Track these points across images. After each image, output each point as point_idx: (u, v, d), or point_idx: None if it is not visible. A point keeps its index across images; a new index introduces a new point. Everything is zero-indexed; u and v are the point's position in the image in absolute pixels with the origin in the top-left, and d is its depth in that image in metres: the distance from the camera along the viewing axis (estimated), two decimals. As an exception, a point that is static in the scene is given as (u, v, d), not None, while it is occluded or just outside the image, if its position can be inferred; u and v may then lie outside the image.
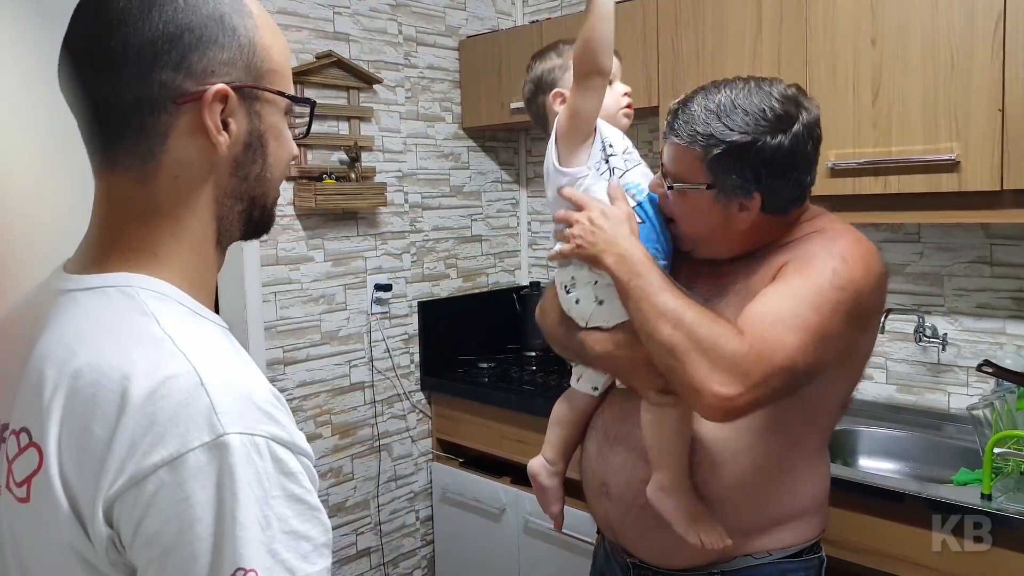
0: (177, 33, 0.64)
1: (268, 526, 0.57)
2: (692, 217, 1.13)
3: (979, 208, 1.67)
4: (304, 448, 0.62)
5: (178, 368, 0.59)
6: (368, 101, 2.43)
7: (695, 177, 1.09)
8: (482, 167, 2.82)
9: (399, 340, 2.57)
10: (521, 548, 2.35)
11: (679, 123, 1.09)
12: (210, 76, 0.65)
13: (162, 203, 0.67)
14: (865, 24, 1.75)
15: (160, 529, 0.56)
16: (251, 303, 2.17)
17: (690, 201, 1.11)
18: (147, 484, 0.56)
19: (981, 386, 1.95)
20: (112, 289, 0.65)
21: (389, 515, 2.57)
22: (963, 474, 1.66)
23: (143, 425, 0.57)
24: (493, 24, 2.80)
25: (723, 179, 1.07)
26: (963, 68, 1.63)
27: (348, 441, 2.44)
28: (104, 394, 0.58)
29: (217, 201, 0.69)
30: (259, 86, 0.69)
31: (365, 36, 2.42)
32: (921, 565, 1.56)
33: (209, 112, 0.65)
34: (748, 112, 1.05)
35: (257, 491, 0.57)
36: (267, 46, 0.70)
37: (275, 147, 0.72)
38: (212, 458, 0.56)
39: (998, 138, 1.60)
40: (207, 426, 0.57)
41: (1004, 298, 1.93)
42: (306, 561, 0.59)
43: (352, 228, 2.41)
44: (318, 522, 0.61)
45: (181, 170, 0.67)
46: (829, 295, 1.02)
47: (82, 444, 0.58)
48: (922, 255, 2.04)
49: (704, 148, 1.07)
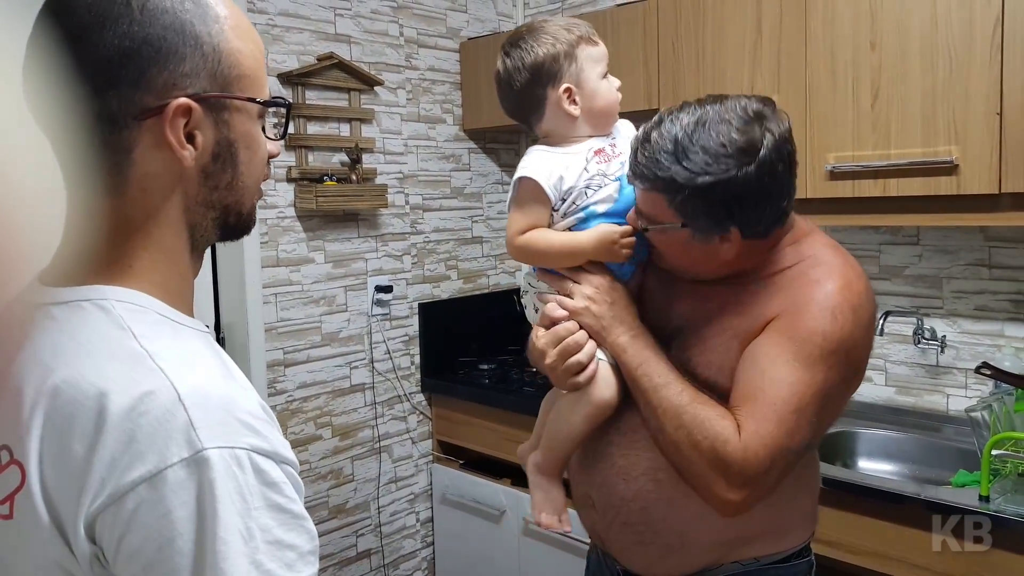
0: (134, 48, 0.62)
1: (251, 538, 0.57)
2: (674, 252, 1.10)
3: (977, 211, 1.68)
4: (287, 457, 0.62)
5: (155, 384, 0.58)
6: (369, 103, 2.43)
7: (667, 218, 1.04)
8: (483, 169, 2.83)
9: (399, 341, 2.57)
10: (521, 550, 2.36)
11: (640, 165, 1.03)
12: (172, 89, 0.63)
13: (132, 216, 0.66)
14: (864, 28, 1.76)
15: (141, 545, 0.56)
16: (251, 304, 2.18)
17: (669, 239, 1.08)
18: (127, 500, 0.56)
19: (979, 388, 1.96)
20: (87, 303, 0.64)
21: (389, 516, 2.58)
22: (961, 476, 1.67)
23: (122, 442, 0.57)
24: (494, 26, 2.80)
25: (694, 220, 1.03)
26: (961, 72, 1.64)
27: (348, 443, 2.45)
28: (82, 411, 0.58)
29: (188, 210, 0.68)
30: (226, 95, 0.67)
31: (366, 38, 2.43)
32: (920, 567, 1.57)
33: (171, 127, 0.64)
34: (707, 150, 0.98)
35: (239, 504, 0.57)
36: (235, 51, 0.67)
37: (247, 155, 0.70)
38: (191, 474, 0.56)
39: (996, 141, 1.61)
40: (185, 442, 0.57)
41: (1002, 300, 1.94)
42: (291, 570, 0.59)
43: (353, 230, 2.42)
44: (303, 530, 0.61)
45: (148, 183, 0.65)
46: (820, 363, 1.00)
47: (62, 461, 0.58)
48: (921, 257, 2.05)
49: (668, 194, 1.01)
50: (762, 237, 1.06)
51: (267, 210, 2.20)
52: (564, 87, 1.13)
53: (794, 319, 1.02)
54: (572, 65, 1.13)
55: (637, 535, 1.12)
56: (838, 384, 1.03)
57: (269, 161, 0.75)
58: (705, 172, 0.98)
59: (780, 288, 1.06)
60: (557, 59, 1.12)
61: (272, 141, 0.74)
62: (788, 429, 1.00)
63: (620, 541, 1.15)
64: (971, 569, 1.51)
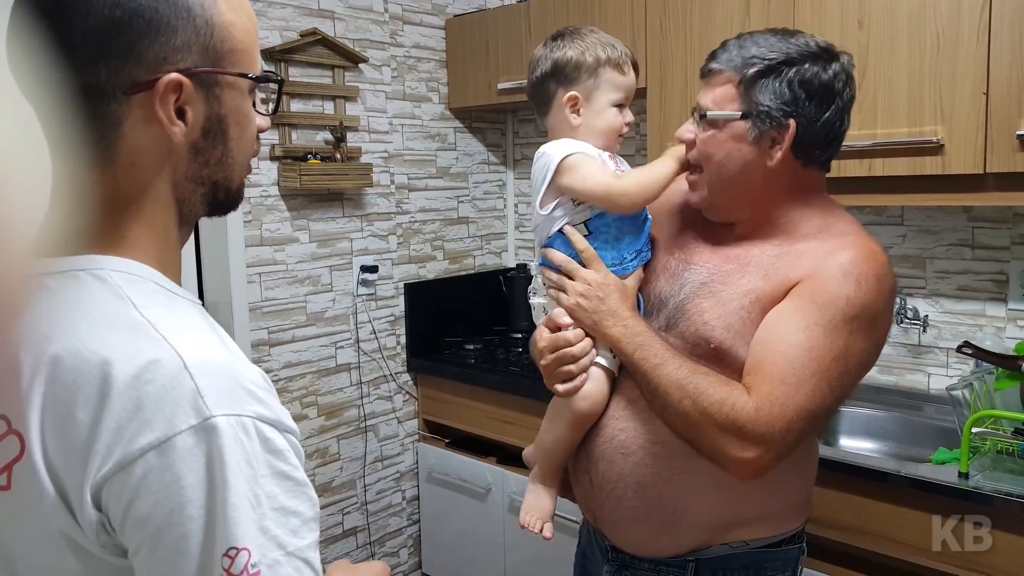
0: (124, 18, 0.60)
1: (258, 504, 0.58)
2: (721, 155, 1.09)
3: (962, 191, 1.68)
4: (289, 425, 0.63)
5: (160, 353, 0.58)
6: (353, 80, 2.40)
7: (730, 106, 1.07)
8: (469, 148, 2.81)
9: (385, 322, 2.56)
10: (507, 527, 2.38)
11: (720, 54, 1.09)
12: (162, 64, 0.62)
13: (122, 189, 0.65)
14: (852, 6, 1.75)
15: (151, 511, 0.56)
16: (235, 284, 2.16)
17: (721, 135, 1.08)
18: (135, 467, 0.56)
19: (960, 367, 1.98)
20: (82, 272, 0.63)
21: (375, 495, 2.58)
22: (941, 453, 1.69)
23: (128, 410, 0.57)
24: (480, 3, 2.77)
25: (759, 104, 1.05)
26: (948, 51, 1.64)
27: (334, 422, 2.45)
28: (85, 379, 0.58)
29: (177, 185, 0.68)
30: (217, 70, 0.65)
31: (350, 14, 2.39)
32: (900, 542, 1.59)
33: (161, 103, 0.63)
34: (790, 42, 1.06)
35: (246, 471, 0.58)
36: (228, 24, 0.66)
37: (237, 131, 0.69)
38: (200, 440, 0.57)
39: (982, 121, 1.61)
40: (193, 409, 0.57)
41: (984, 280, 1.96)
42: (296, 536, 0.60)
43: (337, 209, 2.40)
44: (306, 497, 0.62)
45: (138, 157, 0.65)
46: (842, 328, 1.01)
47: (66, 430, 0.58)
48: (905, 238, 2.06)
49: (741, 69, 1.06)
50: (807, 157, 1.08)
51: (251, 188, 2.18)
52: (571, 94, 1.16)
53: (817, 283, 1.03)
54: (590, 79, 1.16)
55: (631, 511, 1.12)
56: (860, 351, 1.03)
57: (258, 136, 0.74)
58: (784, 53, 1.05)
59: (803, 254, 1.07)
60: (579, 67, 1.15)
61: (262, 116, 0.73)
62: (807, 392, 1.00)
63: (613, 517, 1.16)
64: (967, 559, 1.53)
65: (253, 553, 0.57)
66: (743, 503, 1.11)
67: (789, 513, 1.16)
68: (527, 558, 2.32)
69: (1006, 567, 1.48)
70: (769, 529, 1.14)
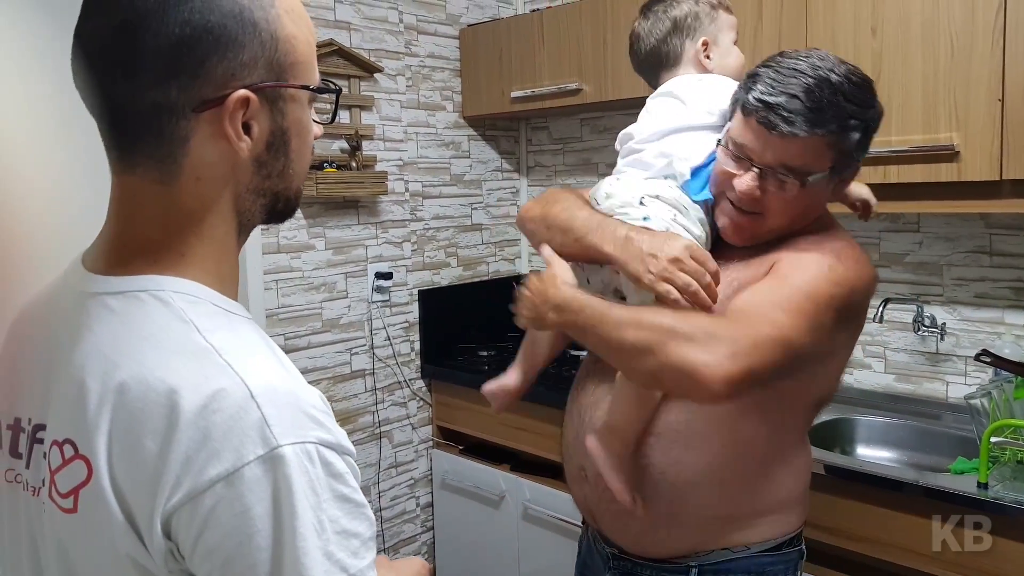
0: (195, 36, 0.60)
1: (323, 530, 0.59)
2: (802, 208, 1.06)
3: (978, 198, 1.67)
4: (348, 448, 0.63)
5: (226, 381, 0.59)
6: (369, 90, 2.43)
7: (820, 164, 1.03)
8: (482, 156, 2.82)
9: (400, 328, 2.58)
10: (520, 534, 2.37)
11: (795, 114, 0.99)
12: (230, 80, 0.62)
13: (184, 204, 0.65)
14: (865, 13, 1.75)
15: (220, 542, 0.57)
16: (253, 291, 2.18)
17: (800, 195, 1.04)
18: (205, 498, 0.57)
19: (979, 375, 1.96)
20: (144, 294, 0.63)
21: (390, 501, 2.59)
22: (960, 463, 1.67)
23: (197, 440, 0.57)
24: (494, 12, 2.79)
25: (846, 155, 1.03)
26: (963, 57, 1.63)
27: (349, 428, 2.46)
28: (153, 409, 0.58)
29: (239, 198, 0.67)
30: (283, 84, 0.65)
31: (366, 25, 2.42)
32: (917, 553, 1.58)
33: (230, 119, 0.63)
34: (861, 83, 1.02)
35: (311, 498, 0.58)
36: (290, 37, 0.66)
37: (298, 142, 0.69)
38: (268, 470, 0.57)
39: (998, 128, 1.60)
40: (260, 439, 0.57)
41: (1003, 288, 1.94)
42: (356, 557, 0.60)
43: (353, 216, 2.42)
44: (364, 517, 0.62)
45: (203, 172, 0.65)
46: (823, 288, 1.00)
47: (134, 458, 0.59)
48: (921, 245, 2.05)
49: (838, 133, 1.01)
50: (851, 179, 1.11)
51: (267, 197, 2.20)
52: (702, 40, 1.22)
53: (794, 262, 1.04)
54: (711, 24, 1.23)
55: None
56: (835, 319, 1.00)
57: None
58: (870, 105, 1.03)
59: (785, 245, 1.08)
60: (698, 16, 1.22)
61: (317, 124, 0.73)
62: (784, 320, 0.94)
63: (610, 512, 1.16)
64: (971, 559, 1.52)
65: None
66: (739, 496, 1.10)
67: (786, 512, 1.15)
68: (541, 566, 2.32)
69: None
70: (768, 530, 1.14)
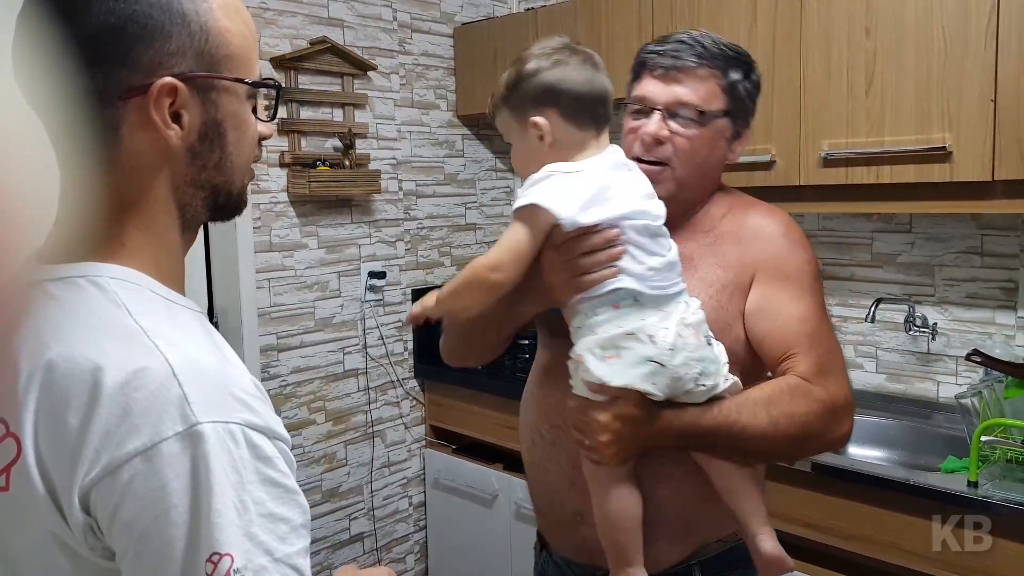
0: (119, 24, 0.61)
1: (245, 511, 0.58)
2: (705, 151, 1.11)
3: (970, 198, 1.68)
4: (280, 433, 0.63)
5: (150, 360, 0.59)
6: (362, 88, 2.42)
7: (715, 104, 1.10)
8: (476, 155, 2.82)
9: (393, 327, 2.57)
10: (513, 533, 2.37)
11: (684, 50, 1.11)
12: (157, 68, 0.63)
13: (123, 194, 0.66)
14: (859, 14, 1.75)
15: (136, 515, 0.57)
16: (245, 289, 2.17)
17: (707, 132, 1.10)
18: (122, 472, 0.57)
19: (970, 375, 1.97)
20: (82, 279, 0.64)
21: (382, 501, 2.59)
22: (951, 462, 1.68)
23: (117, 415, 0.57)
24: (488, 11, 2.79)
25: (738, 104, 1.11)
26: (956, 58, 1.64)
27: (341, 427, 2.45)
28: (77, 385, 0.59)
29: (177, 189, 0.68)
30: (212, 75, 0.66)
31: (359, 22, 2.41)
32: (910, 552, 1.58)
33: (156, 107, 0.63)
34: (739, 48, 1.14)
35: (233, 477, 0.58)
36: (223, 30, 0.66)
37: (235, 135, 0.69)
38: (185, 447, 0.57)
39: (990, 128, 1.60)
40: (180, 416, 0.58)
41: (993, 288, 1.95)
42: (284, 542, 0.60)
43: (346, 215, 2.41)
44: (295, 504, 0.62)
45: (136, 161, 0.65)
46: (816, 285, 1.11)
47: (57, 434, 0.59)
48: (913, 245, 2.05)
49: (724, 69, 1.10)
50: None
51: (260, 195, 2.19)
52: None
53: (779, 263, 1.10)
54: None
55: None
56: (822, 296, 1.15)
57: (261, 143, 0.75)
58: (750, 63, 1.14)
59: (735, 239, 1.12)
60: None
61: (263, 123, 0.73)
62: (833, 343, 1.10)
63: None
64: (964, 559, 1.52)
65: (237, 558, 0.57)
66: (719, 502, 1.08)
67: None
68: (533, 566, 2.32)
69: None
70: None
